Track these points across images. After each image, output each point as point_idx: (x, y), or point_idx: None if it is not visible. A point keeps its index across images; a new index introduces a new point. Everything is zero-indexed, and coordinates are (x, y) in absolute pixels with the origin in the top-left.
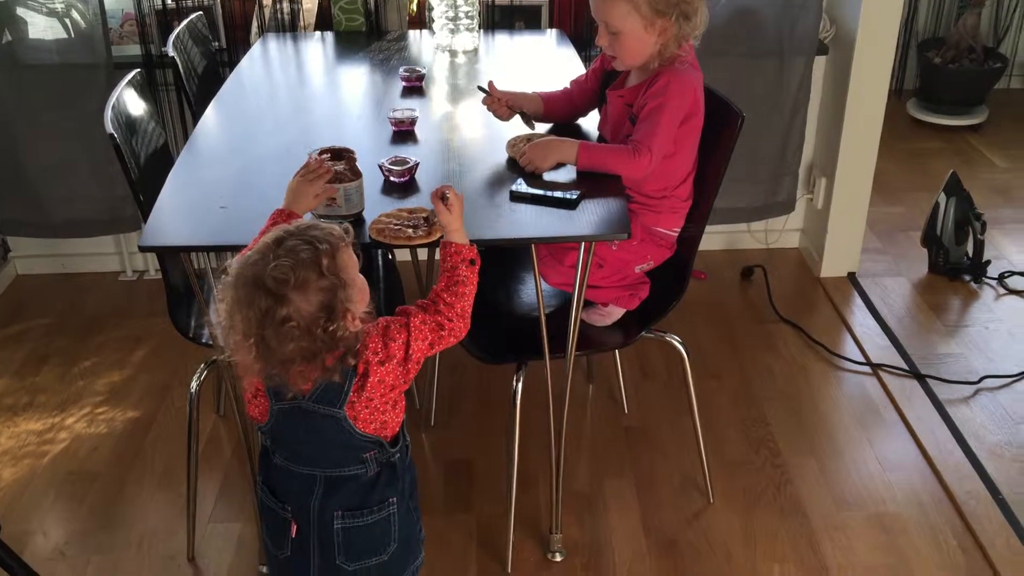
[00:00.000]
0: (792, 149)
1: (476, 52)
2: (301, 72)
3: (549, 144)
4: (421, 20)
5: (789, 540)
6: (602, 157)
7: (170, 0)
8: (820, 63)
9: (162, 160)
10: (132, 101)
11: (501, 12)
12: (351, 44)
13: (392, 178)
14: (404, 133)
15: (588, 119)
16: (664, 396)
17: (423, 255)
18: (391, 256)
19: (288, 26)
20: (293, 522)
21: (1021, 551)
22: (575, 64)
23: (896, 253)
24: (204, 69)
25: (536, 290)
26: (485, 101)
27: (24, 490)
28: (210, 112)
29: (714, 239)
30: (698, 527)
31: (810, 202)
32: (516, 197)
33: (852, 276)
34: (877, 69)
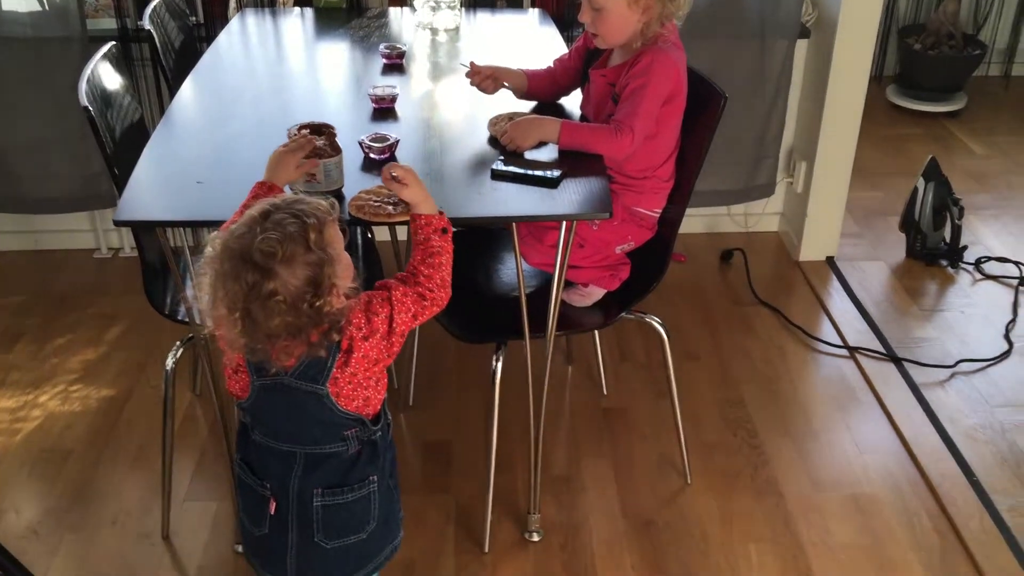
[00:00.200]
0: (773, 132)
1: (457, 31)
2: (280, 48)
3: (531, 122)
4: None
5: (765, 520)
6: (584, 136)
7: None
8: (802, 47)
9: (138, 135)
10: (107, 74)
11: None
12: (331, 20)
13: (372, 155)
14: (384, 110)
15: (570, 99)
16: (643, 378)
17: (402, 235)
18: (370, 235)
19: (267, 1)
20: (272, 499)
21: (994, 532)
22: (557, 43)
23: (874, 237)
24: (181, 44)
25: (517, 270)
26: (469, 75)
27: None
28: (187, 87)
29: (694, 222)
30: (675, 507)
31: (790, 186)
32: (497, 175)
33: (831, 260)
34: (858, 54)
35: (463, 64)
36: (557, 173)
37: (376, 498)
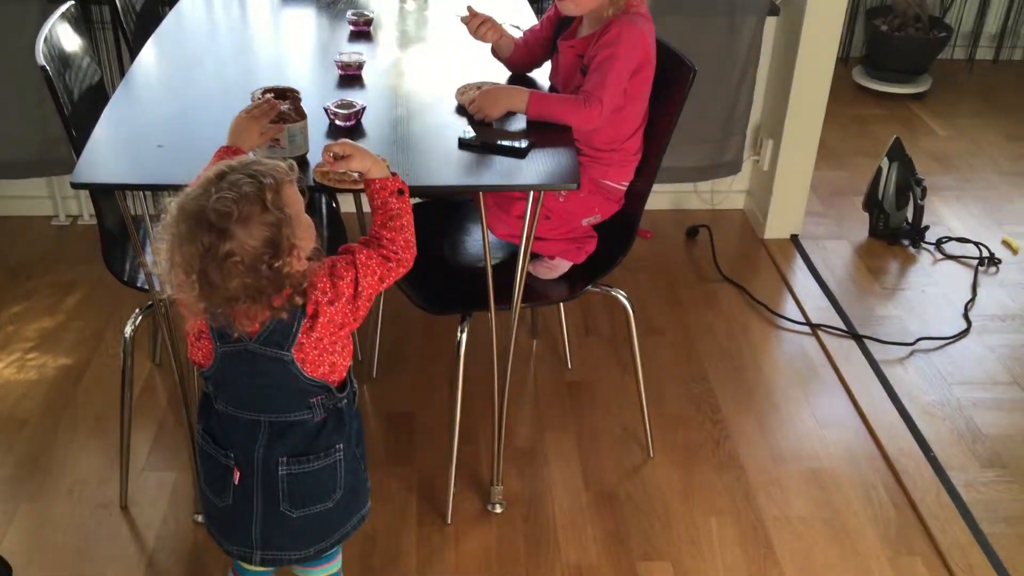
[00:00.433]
0: (740, 110)
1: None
2: (244, 12)
3: (499, 92)
4: None
5: (726, 493)
6: (552, 107)
7: None
8: (772, 24)
9: (97, 98)
10: (66, 35)
11: None
12: None
13: (338, 121)
14: (351, 77)
15: (540, 71)
16: (607, 352)
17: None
18: (335, 204)
19: None
20: (236, 469)
21: (950, 506)
22: (527, 14)
23: (838, 216)
24: (142, 6)
25: (483, 240)
26: (466, 21)
27: None
28: (148, 50)
29: (661, 199)
30: (637, 480)
31: (756, 164)
32: (464, 145)
33: (795, 238)
34: (826, 33)
35: (458, 15)
36: (525, 143)
37: (342, 466)
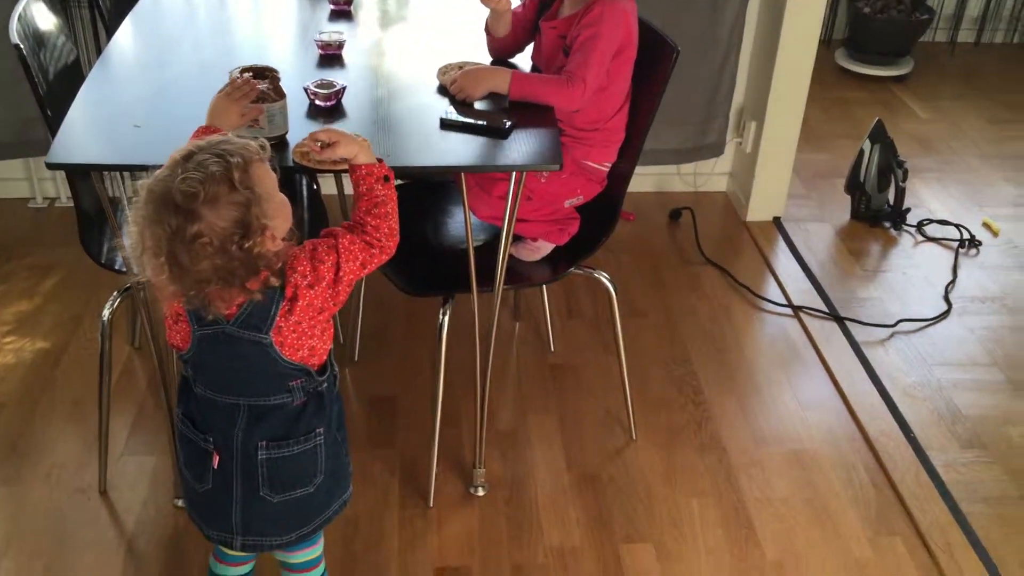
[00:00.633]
0: (723, 92)
1: None
2: None
3: (481, 72)
4: None
5: (708, 475)
6: (534, 87)
7: None
8: (755, 6)
9: (73, 78)
10: (40, 14)
11: None
12: None
13: (318, 101)
14: (331, 57)
15: (522, 54)
16: (589, 335)
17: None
18: (316, 186)
19: None
20: (215, 453)
21: (929, 487)
22: None
23: (820, 199)
24: None
25: (465, 221)
26: None
27: None
28: (125, 28)
29: (643, 181)
30: (620, 463)
31: (739, 146)
32: (446, 125)
33: (777, 220)
34: (808, 15)
35: None
36: (507, 124)
37: (323, 451)
